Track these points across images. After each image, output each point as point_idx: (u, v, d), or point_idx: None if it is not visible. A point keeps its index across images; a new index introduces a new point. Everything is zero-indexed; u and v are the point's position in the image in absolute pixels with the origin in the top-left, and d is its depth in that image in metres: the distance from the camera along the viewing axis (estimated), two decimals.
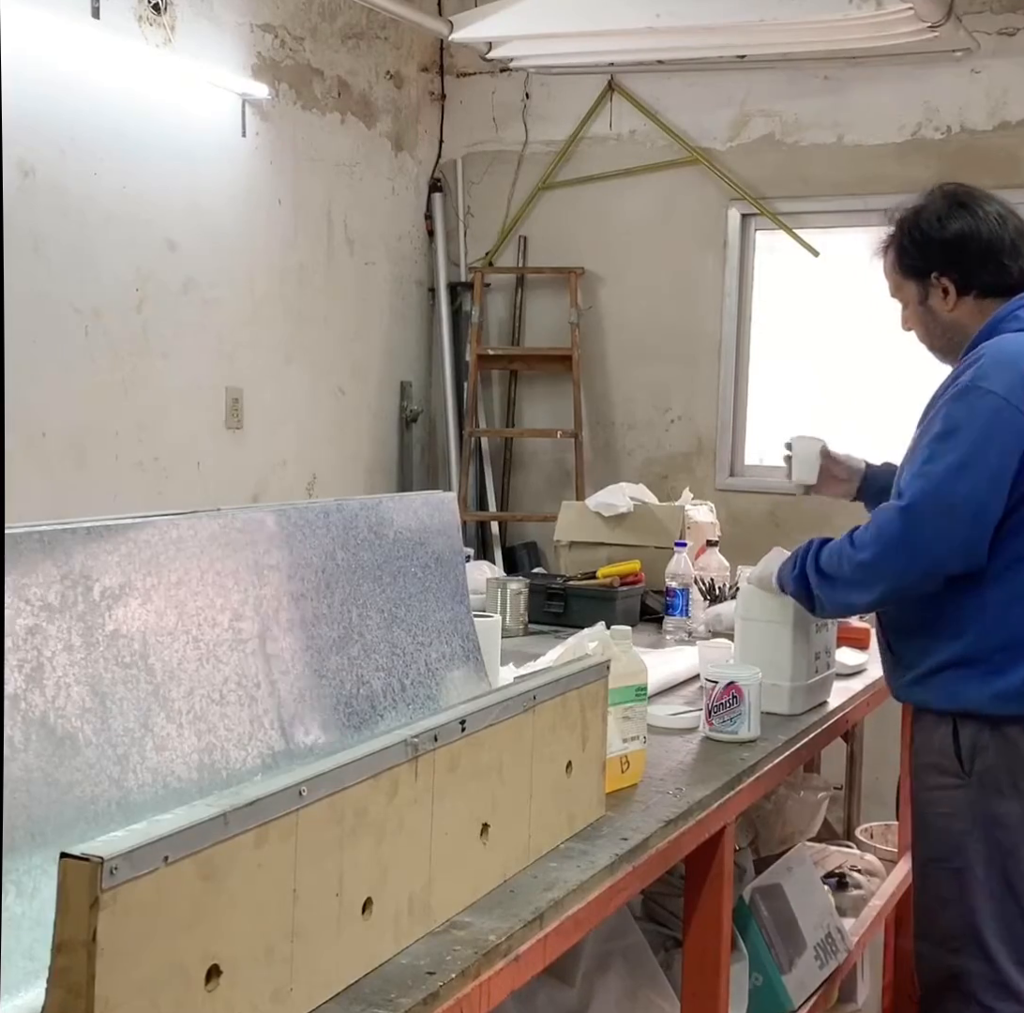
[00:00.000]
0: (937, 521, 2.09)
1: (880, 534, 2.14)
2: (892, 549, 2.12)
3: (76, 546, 1.32)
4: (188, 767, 1.38)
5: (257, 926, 1.08)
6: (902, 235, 2.30)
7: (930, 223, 2.27)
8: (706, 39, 4.47)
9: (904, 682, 2.30)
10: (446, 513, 1.99)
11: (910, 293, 2.31)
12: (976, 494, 2.08)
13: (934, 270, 2.26)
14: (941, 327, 2.30)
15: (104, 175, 3.76)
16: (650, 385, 5.08)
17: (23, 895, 1.15)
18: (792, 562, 2.29)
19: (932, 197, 2.31)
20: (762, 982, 2.39)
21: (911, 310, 2.33)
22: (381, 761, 1.24)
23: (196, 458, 4.16)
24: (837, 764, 3.81)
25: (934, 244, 2.26)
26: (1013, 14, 4.43)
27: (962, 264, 2.24)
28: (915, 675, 2.26)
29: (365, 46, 4.90)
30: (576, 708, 1.64)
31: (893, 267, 2.33)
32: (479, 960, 1.29)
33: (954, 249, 2.24)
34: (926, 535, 2.10)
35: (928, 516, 2.09)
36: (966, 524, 2.09)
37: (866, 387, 4.68)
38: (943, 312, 2.28)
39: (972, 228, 2.24)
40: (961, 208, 2.26)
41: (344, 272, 4.84)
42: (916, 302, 2.31)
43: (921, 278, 2.28)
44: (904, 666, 2.29)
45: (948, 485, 2.09)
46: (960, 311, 2.26)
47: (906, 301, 2.33)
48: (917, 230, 2.28)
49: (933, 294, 2.28)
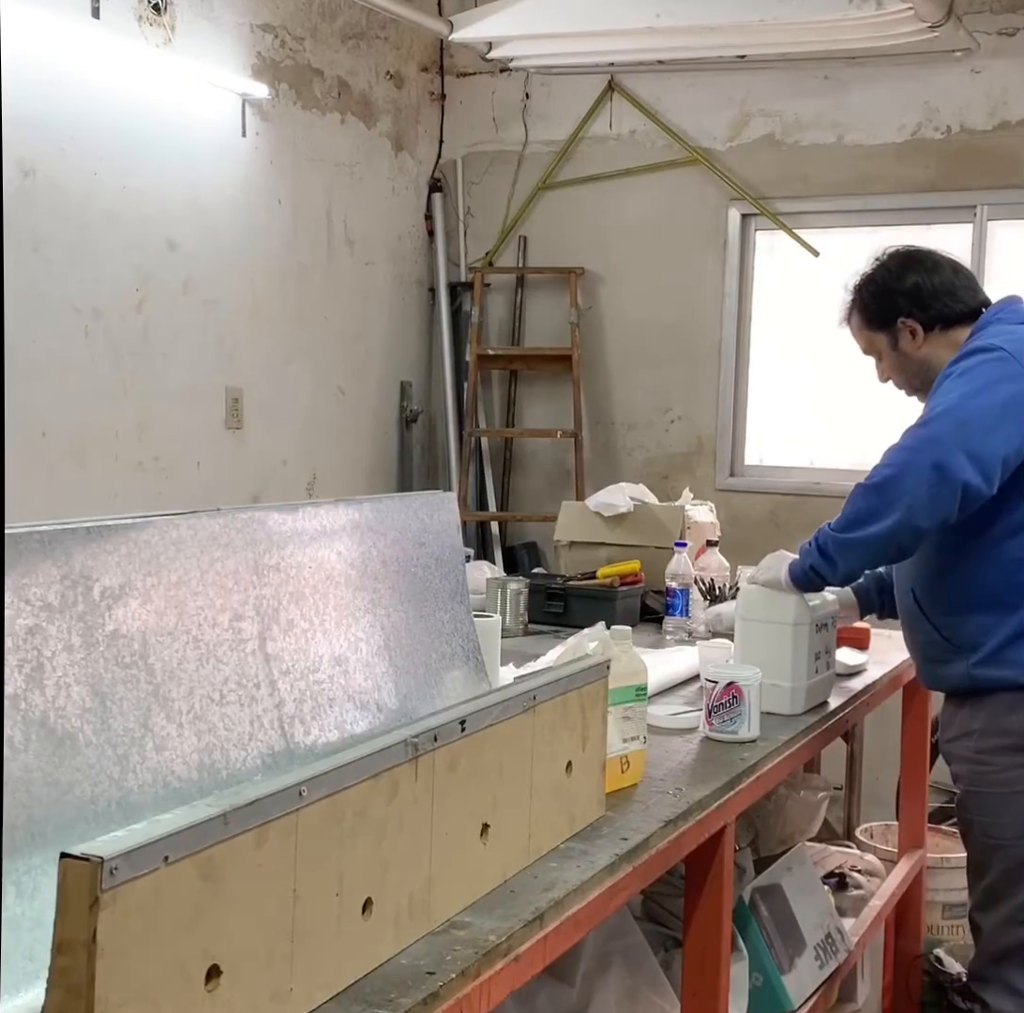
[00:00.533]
0: (952, 432, 2.20)
1: (898, 449, 2.25)
2: (911, 461, 2.20)
3: (76, 546, 1.32)
4: (188, 767, 1.38)
5: (257, 926, 1.08)
6: (862, 295, 2.52)
7: (885, 278, 2.50)
8: (706, 39, 4.47)
9: (972, 664, 2.36)
10: (446, 513, 1.99)
11: (881, 344, 2.51)
12: (989, 413, 2.22)
13: (899, 316, 2.47)
14: (916, 365, 2.48)
15: (104, 175, 3.76)
16: (650, 385, 5.08)
17: (23, 895, 1.15)
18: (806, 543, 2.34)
19: (881, 259, 2.54)
20: (762, 982, 2.39)
21: (886, 359, 2.52)
22: (381, 761, 1.24)
23: (196, 458, 4.17)
24: (837, 764, 3.81)
25: (893, 294, 2.47)
26: (1013, 14, 4.43)
27: (921, 305, 2.46)
28: (982, 656, 2.34)
29: (365, 46, 4.90)
30: (576, 708, 1.64)
31: (860, 326, 2.54)
32: (479, 960, 1.29)
33: (912, 295, 2.46)
34: (942, 444, 2.19)
35: (943, 427, 2.21)
36: (978, 437, 2.20)
37: (866, 387, 4.67)
38: (914, 352, 2.48)
39: (923, 276, 2.48)
40: (910, 259, 2.51)
41: (344, 272, 4.84)
42: (889, 350, 2.50)
43: (888, 327, 2.48)
44: (966, 649, 2.36)
45: (961, 405, 2.23)
46: (929, 346, 2.46)
47: (880, 353, 2.53)
48: (874, 286, 2.51)
49: (902, 338, 2.48)
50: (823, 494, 4.65)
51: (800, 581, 2.32)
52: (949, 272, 2.51)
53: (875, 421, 4.57)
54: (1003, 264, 4.55)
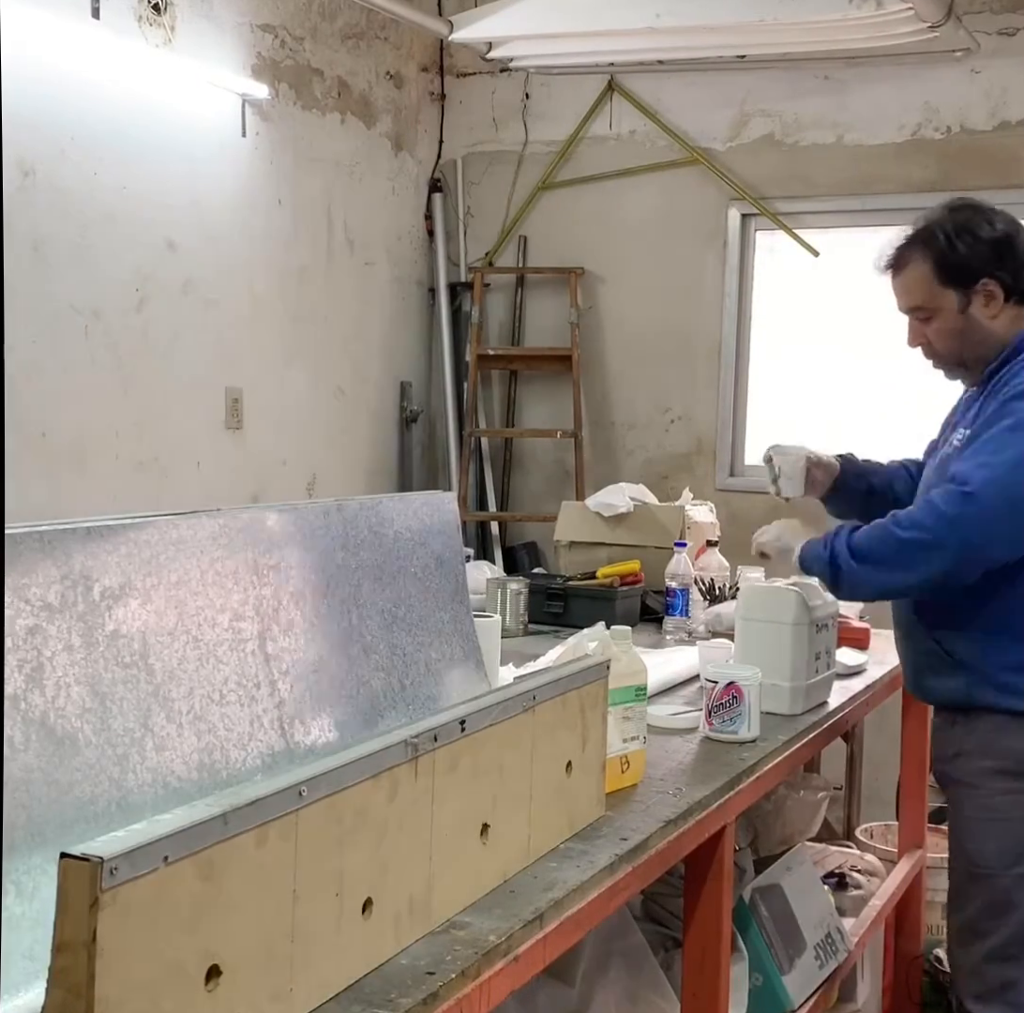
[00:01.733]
0: (1000, 510, 2.06)
1: (938, 515, 2.09)
2: (950, 530, 2.07)
3: (76, 546, 1.32)
4: (188, 767, 1.38)
5: (257, 926, 1.08)
6: (947, 240, 2.16)
7: (980, 226, 2.16)
8: (706, 39, 4.46)
9: (971, 682, 2.23)
10: (446, 513, 1.99)
11: (947, 303, 2.18)
12: None
13: (984, 275, 2.15)
14: (980, 336, 2.18)
15: (104, 175, 3.76)
16: (650, 385, 5.07)
17: (23, 895, 1.15)
18: (822, 543, 2.23)
19: (957, 207, 2.21)
20: (762, 982, 2.39)
21: (941, 322, 2.20)
22: (381, 761, 1.24)
23: (196, 458, 4.16)
24: (837, 764, 3.81)
25: (985, 246, 2.15)
26: (1013, 14, 4.42)
27: (1012, 266, 2.15)
28: (983, 676, 2.22)
29: (365, 46, 4.90)
30: (576, 708, 1.64)
31: (928, 277, 2.18)
32: (479, 960, 1.29)
33: (1005, 250, 2.15)
34: (988, 522, 2.07)
35: (992, 504, 2.06)
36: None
37: (866, 387, 4.68)
38: (985, 320, 2.17)
39: (1016, 229, 2.17)
40: (997, 213, 2.19)
41: (344, 272, 4.84)
42: (953, 312, 2.18)
43: (966, 285, 2.16)
44: (966, 666, 2.24)
45: (1014, 476, 2.06)
46: (1002, 318, 2.18)
47: (936, 313, 2.20)
48: (967, 233, 2.16)
49: (976, 301, 2.17)
50: None
51: (806, 573, 2.29)
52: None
53: (875, 421, 4.59)
54: None
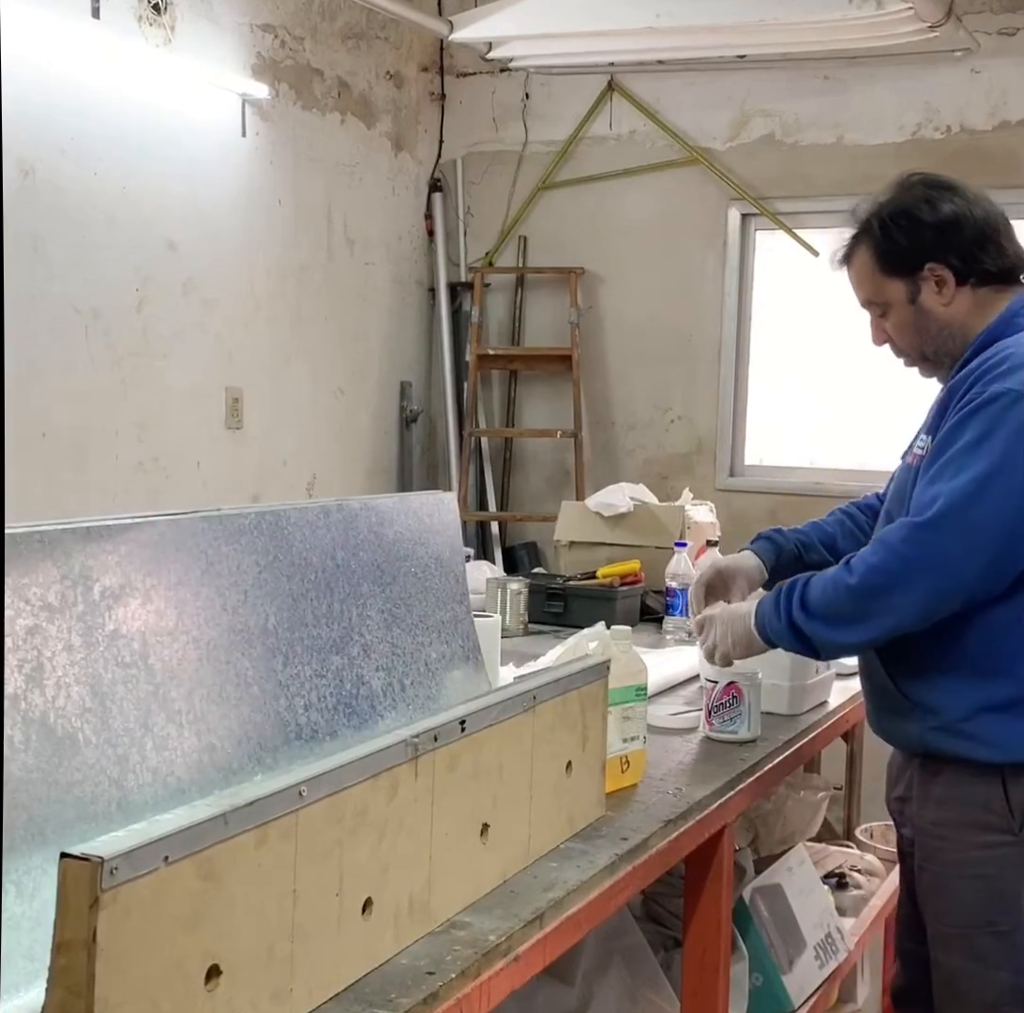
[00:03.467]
0: (961, 540, 1.81)
1: (891, 555, 1.85)
2: (905, 574, 1.84)
3: (76, 546, 1.32)
4: (188, 767, 1.38)
5: (257, 926, 1.08)
6: (883, 228, 2.00)
7: (918, 208, 1.98)
8: (706, 39, 4.46)
9: (926, 729, 1.96)
10: (446, 513, 1.99)
11: (895, 294, 2.01)
12: (1005, 509, 1.81)
13: (928, 260, 1.96)
14: (937, 326, 1.99)
15: (104, 175, 3.76)
16: (650, 385, 5.07)
17: (23, 895, 1.15)
18: (775, 606, 1.97)
19: (906, 185, 2.05)
20: (762, 982, 2.39)
21: (895, 315, 2.03)
22: (381, 761, 1.24)
23: (196, 458, 4.16)
24: (837, 764, 3.80)
25: (927, 229, 1.97)
26: (1013, 14, 4.42)
27: (960, 248, 1.96)
28: (943, 721, 1.94)
29: (365, 46, 4.90)
30: (576, 708, 1.64)
31: (870, 268, 2.03)
32: (479, 960, 1.29)
33: (950, 231, 1.96)
34: (948, 555, 1.82)
35: (951, 534, 1.81)
36: (994, 543, 1.81)
37: (866, 387, 4.68)
38: (938, 308, 1.98)
39: (964, 208, 1.97)
40: (947, 190, 2.00)
41: (344, 272, 4.84)
42: (904, 302, 2.00)
43: (911, 273, 1.98)
44: (924, 711, 1.96)
45: (975, 499, 1.81)
46: (958, 305, 1.98)
47: (887, 305, 2.03)
48: (904, 217, 1.99)
49: (925, 289, 1.98)
50: (823, 494, 4.64)
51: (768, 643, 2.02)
52: (997, 215, 1.99)
53: (876, 421, 4.58)
54: None
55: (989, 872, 1.94)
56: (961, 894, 1.97)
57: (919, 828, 2.03)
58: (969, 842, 1.95)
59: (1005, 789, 1.91)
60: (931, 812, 2.00)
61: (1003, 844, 1.92)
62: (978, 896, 1.95)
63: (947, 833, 1.98)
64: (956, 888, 1.97)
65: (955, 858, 1.97)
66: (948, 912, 1.99)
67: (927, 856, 2.02)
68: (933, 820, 2.00)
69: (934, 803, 1.99)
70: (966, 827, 1.95)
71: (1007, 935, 1.93)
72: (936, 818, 1.99)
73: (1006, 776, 1.91)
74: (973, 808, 1.94)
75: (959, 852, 1.96)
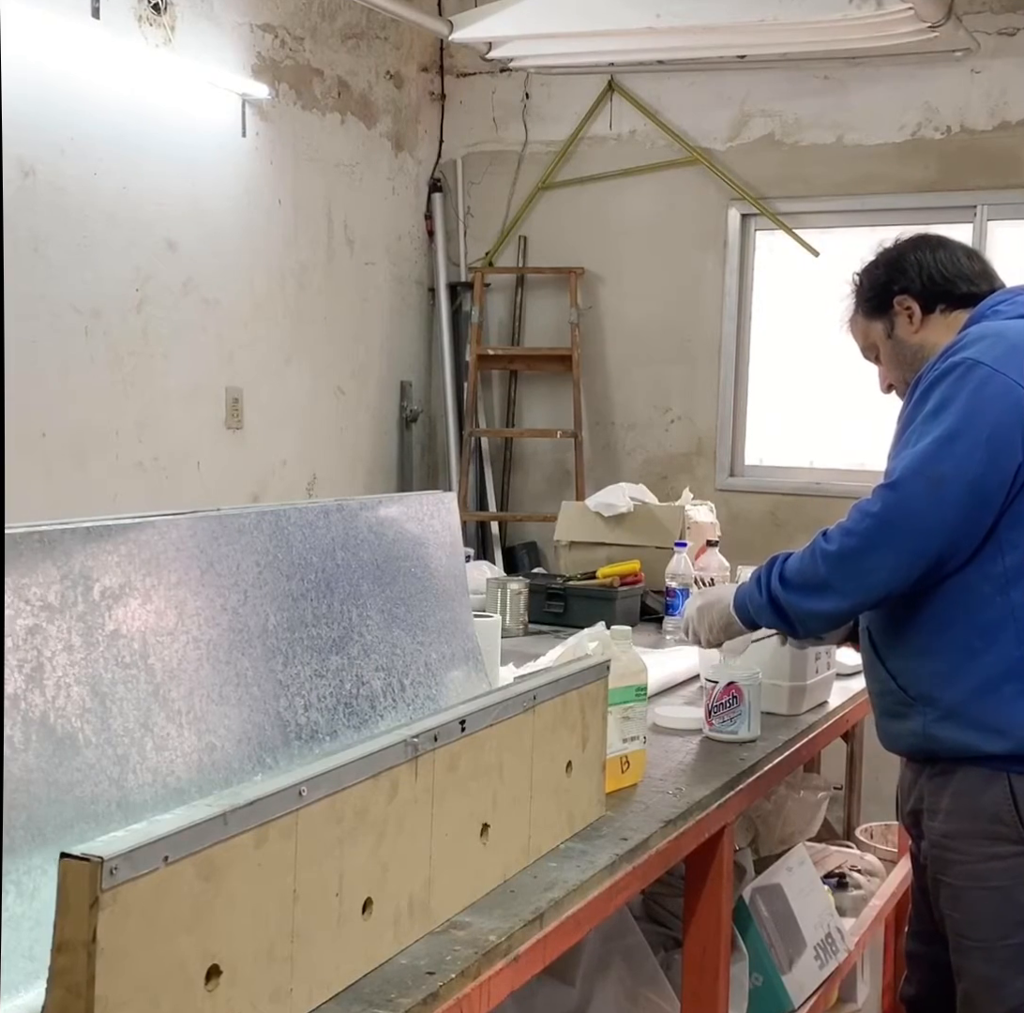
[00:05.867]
0: (925, 495, 1.85)
1: (861, 518, 1.90)
2: (876, 533, 1.88)
3: (76, 546, 1.32)
4: (188, 767, 1.38)
5: (257, 926, 1.08)
6: (861, 278, 2.18)
7: (884, 252, 2.16)
8: (706, 39, 4.46)
9: (929, 722, 1.96)
10: (446, 513, 1.99)
11: (877, 334, 2.15)
12: (968, 465, 1.84)
13: (894, 294, 2.11)
14: (911, 351, 2.11)
15: (104, 175, 3.76)
16: (650, 385, 5.08)
17: (23, 895, 1.15)
18: (756, 582, 2.03)
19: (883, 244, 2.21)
20: (762, 982, 2.39)
21: (883, 354, 2.16)
22: (381, 761, 1.24)
23: (196, 458, 4.16)
24: (837, 764, 3.80)
25: (888, 265, 2.13)
26: (1013, 14, 4.42)
27: (920, 280, 2.10)
28: (942, 710, 1.94)
29: (365, 46, 4.90)
30: (576, 708, 1.64)
31: (859, 320, 2.19)
32: (479, 960, 1.29)
33: (910, 270, 2.11)
34: (913, 510, 1.86)
35: (915, 490, 1.86)
36: (959, 497, 1.85)
37: (866, 387, 4.68)
38: (910, 336, 2.11)
39: (925, 252, 2.13)
40: (914, 239, 2.17)
41: (344, 272, 4.84)
42: (884, 339, 2.14)
43: (885, 311, 2.13)
44: (924, 703, 1.96)
45: (936, 457, 1.86)
46: (929, 330, 2.10)
47: (876, 347, 2.17)
48: (872, 263, 2.16)
49: (899, 322, 2.12)
50: (823, 494, 4.65)
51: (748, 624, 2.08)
52: (960, 253, 2.13)
53: (875, 421, 4.58)
54: (1003, 264, 4.53)
55: (1003, 883, 1.94)
56: (979, 907, 1.96)
57: (931, 840, 2.03)
58: (980, 853, 1.95)
59: (1014, 799, 1.91)
60: (941, 824, 1.99)
61: (1015, 854, 1.92)
62: (995, 908, 1.95)
63: (958, 845, 1.97)
64: (973, 900, 1.97)
65: (968, 870, 1.96)
66: (967, 923, 1.99)
67: (941, 869, 2.01)
68: (944, 832, 1.99)
69: (944, 815, 1.99)
70: (976, 838, 1.95)
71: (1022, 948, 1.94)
72: (947, 830, 1.99)
73: (1013, 784, 1.91)
74: (982, 819, 1.94)
75: (971, 864, 1.96)
